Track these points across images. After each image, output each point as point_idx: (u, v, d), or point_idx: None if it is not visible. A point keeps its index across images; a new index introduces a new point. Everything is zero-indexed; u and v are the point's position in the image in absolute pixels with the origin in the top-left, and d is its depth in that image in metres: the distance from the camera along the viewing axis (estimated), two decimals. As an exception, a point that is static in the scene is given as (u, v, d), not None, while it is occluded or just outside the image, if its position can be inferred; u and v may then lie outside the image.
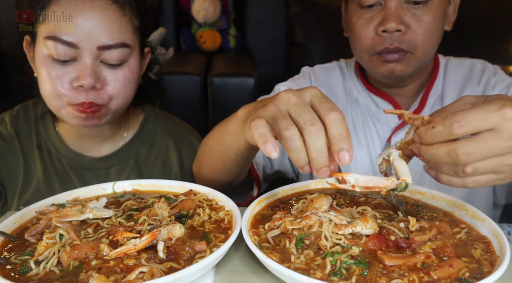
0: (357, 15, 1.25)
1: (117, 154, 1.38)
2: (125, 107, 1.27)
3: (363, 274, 0.71)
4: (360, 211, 0.89)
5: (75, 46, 1.13)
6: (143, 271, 0.70)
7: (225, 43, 3.62)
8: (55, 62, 1.15)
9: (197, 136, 1.48)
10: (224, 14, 3.62)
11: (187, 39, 3.62)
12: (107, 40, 1.15)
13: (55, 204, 0.96)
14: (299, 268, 0.73)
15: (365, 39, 1.24)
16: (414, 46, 1.20)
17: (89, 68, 1.14)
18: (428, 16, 1.19)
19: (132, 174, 1.38)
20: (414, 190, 1.02)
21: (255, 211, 0.92)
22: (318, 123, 0.74)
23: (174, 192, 1.02)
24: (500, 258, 0.75)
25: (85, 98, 1.15)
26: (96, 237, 0.83)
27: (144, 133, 1.42)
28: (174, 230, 0.80)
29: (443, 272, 0.70)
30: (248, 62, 3.30)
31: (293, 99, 0.78)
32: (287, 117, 0.77)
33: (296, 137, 0.74)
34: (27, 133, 1.37)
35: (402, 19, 1.18)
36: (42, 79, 1.18)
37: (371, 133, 1.38)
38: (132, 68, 1.23)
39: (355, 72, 1.46)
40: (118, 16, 1.17)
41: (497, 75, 1.32)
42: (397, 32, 1.19)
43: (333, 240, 0.78)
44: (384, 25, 1.18)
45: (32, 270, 0.74)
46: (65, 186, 1.34)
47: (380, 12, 1.21)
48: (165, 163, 1.42)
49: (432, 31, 1.21)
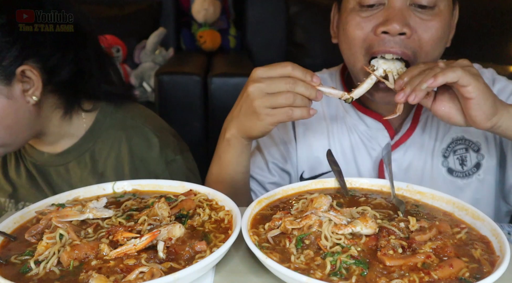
0: (353, 14, 1.14)
1: (72, 150, 1.38)
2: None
3: (363, 274, 0.71)
4: (360, 211, 0.89)
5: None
6: (143, 271, 0.70)
7: (225, 43, 3.62)
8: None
9: (156, 128, 1.43)
10: (224, 14, 3.62)
11: (187, 39, 3.62)
12: None
13: (55, 204, 0.96)
14: (299, 268, 0.73)
15: (359, 40, 1.13)
16: (419, 52, 1.10)
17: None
18: (435, 21, 1.10)
19: (87, 169, 1.37)
20: (414, 190, 1.02)
21: (255, 211, 0.92)
22: (290, 79, 0.99)
23: (174, 192, 1.02)
24: (500, 258, 0.75)
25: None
26: (96, 237, 0.83)
27: (98, 128, 1.39)
28: (174, 230, 0.80)
29: (443, 272, 0.70)
30: (248, 62, 3.30)
31: (260, 85, 1.00)
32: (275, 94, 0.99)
33: (295, 96, 0.99)
34: None
35: (407, 21, 1.08)
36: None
37: (360, 153, 1.31)
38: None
39: (340, 86, 1.37)
40: None
41: (497, 82, 1.27)
42: (400, 36, 1.08)
43: (333, 240, 0.78)
44: (386, 25, 1.07)
45: (32, 270, 0.74)
46: (32, 181, 1.38)
47: (382, 12, 1.10)
48: (118, 157, 1.38)
49: (438, 41, 1.12)
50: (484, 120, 0.96)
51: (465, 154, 1.27)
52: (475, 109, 0.95)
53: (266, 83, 1.00)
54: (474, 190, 1.26)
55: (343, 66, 1.39)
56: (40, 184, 1.39)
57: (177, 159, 1.42)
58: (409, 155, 1.27)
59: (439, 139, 1.28)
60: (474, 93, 0.93)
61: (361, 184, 1.07)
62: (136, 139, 1.39)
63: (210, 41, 3.51)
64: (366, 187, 1.06)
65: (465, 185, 1.26)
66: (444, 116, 1.02)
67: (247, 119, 1.06)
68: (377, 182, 1.06)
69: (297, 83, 0.99)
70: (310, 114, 1.02)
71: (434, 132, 1.28)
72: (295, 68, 1.00)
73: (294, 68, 1.00)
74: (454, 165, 1.27)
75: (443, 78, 0.92)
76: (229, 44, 3.65)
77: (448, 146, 1.27)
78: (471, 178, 1.26)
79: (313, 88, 1.00)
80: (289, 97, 0.99)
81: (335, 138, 1.33)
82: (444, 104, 1.01)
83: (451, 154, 1.27)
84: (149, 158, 1.38)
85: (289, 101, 0.99)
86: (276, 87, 1.00)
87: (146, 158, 1.38)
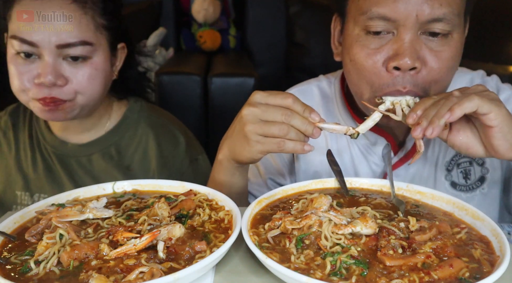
0: (360, 44, 1.05)
1: (98, 142, 1.43)
2: (95, 102, 1.31)
3: (363, 274, 0.71)
4: (360, 211, 0.89)
5: (35, 45, 1.18)
6: (143, 271, 0.70)
7: (225, 43, 3.62)
8: (21, 58, 1.21)
9: (182, 128, 1.53)
10: (224, 14, 3.62)
11: (187, 39, 3.62)
12: (66, 38, 1.19)
13: (55, 204, 0.96)
14: (299, 268, 0.73)
15: (371, 75, 1.04)
16: (428, 86, 1.03)
17: (50, 66, 1.19)
18: (447, 52, 1.02)
19: (112, 162, 1.42)
20: (414, 190, 1.02)
21: (255, 211, 0.92)
22: (287, 110, 0.94)
23: (174, 192, 1.02)
24: (500, 258, 0.75)
25: (47, 94, 1.21)
26: (96, 237, 0.83)
27: (127, 123, 1.46)
28: (174, 230, 0.80)
29: (443, 272, 0.70)
30: (248, 62, 3.30)
31: (255, 111, 0.96)
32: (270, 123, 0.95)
33: (289, 129, 0.94)
34: (22, 124, 1.47)
35: (418, 54, 1.00)
36: (10, 75, 1.26)
37: (362, 166, 1.26)
38: (97, 65, 1.26)
39: (340, 97, 1.29)
40: (78, 15, 1.21)
41: (502, 92, 1.22)
42: (410, 71, 1.00)
43: (333, 240, 0.78)
44: (398, 60, 0.99)
45: (32, 270, 0.74)
46: (50, 172, 1.41)
47: (392, 44, 1.01)
48: (145, 152, 1.45)
49: (448, 70, 1.04)
50: (509, 149, 0.89)
51: (469, 168, 1.22)
52: (498, 138, 0.88)
53: (261, 110, 0.96)
54: (477, 204, 1.22)
55: (343, 74, 1.31)
56: (59, 175, 1.41)
57: (199, 158, 1.51)
58: (412, 169, 1.23)
59: (442, 152, 1.23)
60: (496, 120, 0.87)
61: (361, 184, 1.07)
62: (164, 136, 1.47)
63: (210, 41, 3.51)
64: (366, 187, 1.06)
65: (468, 198, 1.22)
66: (462, 147, 0.95)
67: (238, 142, 1.02)
68: (377, 182, 1.06)
69: (294, 116, 0.94)
70: (304, 149, 0.96)
71: (437, 145, 1.24)
72: (295, 102, 0.95)
73: (295, 101, 0.95)
74: (458, 179, 1.23)
75: (460, 111, 0.86)
76: (229, 44, 3.65)
77: (451, 159, 1.22)
78: (474, 192, 1.23)
79: (310, 124, 0.95)
80: (283, 128, 0.94)
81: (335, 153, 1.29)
82: (461, 134, 0.94)
83: (455, 167, 1.23)
84: (175, 155, 1.45)
85: (282, 132, 0.94)
86: (271, 115, 0.95)
87: (173, 155, 1.45)
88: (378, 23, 1.01)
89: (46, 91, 1.20)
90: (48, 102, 1.21)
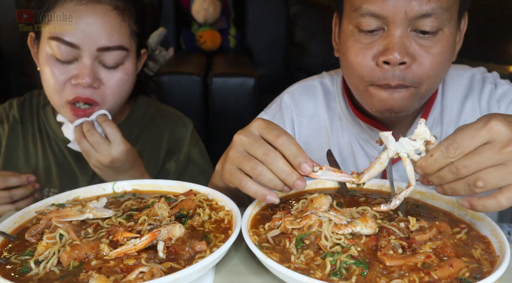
0: (353, 39, 1.08)
1: None
2: (118, 106, 1.35)
3: (363, 274, 0.71)
4: (360, 211, 0.89)
5: (76, 47, 1.22)
6: (143, 271, 0.70)
7: (225, 43, 3.62)
8: (57, 61, 1.24)
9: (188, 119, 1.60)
10: (224, 14, 3.62)
11: (187, 39, 3.62)
12: (106, 42, 1.24)
13: (55, 204, 0.96)
14: (299, 268, 0.73)
15: (362, 68, 1.07)
16: (419, 81, 1.04)
17: (88, 68, 1.23)
18: (437, 47, 1.03)
19: None
20: (414, 190, 1.01)
21: (255, 211, 0.92)
22: (271, 151, 0.84)
23: (174, 192, 1.02)
24: (500, 258, 0.75)
25: (81, 94, 1.24)
26: (96, 237, 0.83)
27: (136, 116, 1.52)
28: (174, 230, 0.80)
29: (443, 272, 0.70)
30: (248, 62, 3.30)
31: (244, 140, 0.88)
32: (249, 158, 0.86)
33: (264, 171, 0.84)
34: (30, 117, 1.48)
35: (408, 50, 1.02)
36: (44, 76, 1.27)
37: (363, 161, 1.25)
38: (128, 70, 1.31)
39: (342, 94, 1.30)
40: (118, 22, 1.27)
41: (499, 86, 1.22)
42: (400, 65, 1.02)
43: (333, 240, 0.78)
44: (387, 55, 1.01)
45: (32, 270, 0.74)
46: (62, 167, 1.42)
47: (382, 39, 1.04)
48: (156, 140, 1.51)
49: (440, 65, 1.05)
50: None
51: None
52: None
53: (250, 141, 0.87)
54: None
55: None
56: (71, 169, 1.42)
57: (200, 142, 1.59)
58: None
59: None
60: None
61: (361, 184, 1.06)
62: (176, 121, 1.56)
63: (210, 41, 3.51)
64: (366, 187, 1.06)
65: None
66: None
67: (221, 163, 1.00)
68: (377, 182, 1.06)
69: (276, 159, 0.83)
70: (265, 199, 0.85)
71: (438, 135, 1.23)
72: (289, 144, 0.84)
73: (289, 143, 0.84)
74: None
75: (482, 209, 0.77)
76: (229, 44, 3.65)
77: None
78: None
79: (293, 173, 0.83)
80: (255, 168, 0.84)
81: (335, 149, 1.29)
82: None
83: None
84: (185, 137, 1.54)
85: (254, 172, 0.85)
86: (254, 150, 0.86)
87: (183, 137, 1.54)
88: (369, 21, 1.03)
89: (81, 91, 1.24)
90: (79, 111, 1.25)
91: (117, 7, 1.27)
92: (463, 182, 0.76)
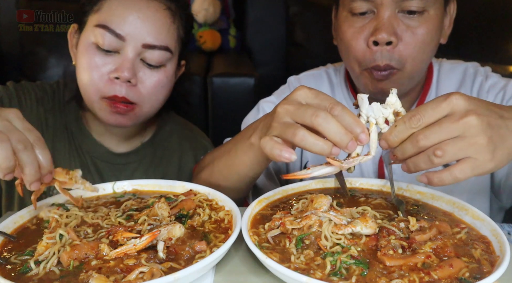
0: (347, 23, 1.17)
1: (134, 153, 1.41)
2: (154, 111, 1.30)
3: (363, 274, 0.71)
4: (360, 211, 0.89)
5: (122, 38, 1.17)
6: (143, 271, 0.70)
7: (225, 43, 3.62)
8: (98, 49, 1.19)
9: (208, 140, 1.56)
10: (224, 14, 3.62)
11: (187, 39, 3.62)
12: (153, 40, 1.20)
13: (55, 204, 0.96)
14: (299, 268, 0.73)
15: (356, 51, 1.15)
16: (403, 61, 1.11)
17: (130, 62, 1.18)
18: (422, 28, 1.11)
19: (148, 172, 1.42)
20: (414, 190, 1.02)
21: (255, 211, 0.93)
22: (317, 111, 0.80)
23: (174, 192, 1.02)
24: (500, 258, 0.75)
25: (118, 92, 1.18)
26: (96, 237, 0.83)
27: (161, 135, 1.47)
28: (174, 230, 0.80)
29: (443, 272, 0.70)
30: (248, 62, 3.30)
31: (290, 108, 0.84)
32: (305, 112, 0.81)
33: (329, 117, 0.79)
34: (59, 110, 1.39)
35: (395, 30, 1.10)
36: (81, 67, 1.22)
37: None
38: (168, 74, 1.27)
39: (344, 82, 1.38)
40: (168, 22, 1.23)
41: (489, 78, 1.28)
42: (387, 46, 1.10)
43: (333, 240, 0.78)
44: (376, 35, 1.09)
45: (32, 270, 0.74)
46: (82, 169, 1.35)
47: (372, 21, 1.12)
48: (181, 165, 1.47)
49: (424, 45, 1.12)
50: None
51: None
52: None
53: (295, 107, 0.84)
54: (470, 184, 1.25)
55: None
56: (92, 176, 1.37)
57: None
58: None
59: None
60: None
61: (361, 184, 1.07)
62: (199, 151, 1.50)
63: (210, 41, 3.51)
64: (366, 187, 1.06)
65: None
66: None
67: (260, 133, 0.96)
68: (377, 182, 1.06)
69: (328, 120, 0.79)
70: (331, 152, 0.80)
71: None
72: (343, 108, 0.81)
73: (343, 107, 0.81)
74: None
75: (438, 182, 0.79)
76: (229, 44, 3.65)
77: None
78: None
79: (347, 134, 0.79)
80: (296, 133, 0.80)
81: None
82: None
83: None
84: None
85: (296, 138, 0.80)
86: (301, 115, 0.82)
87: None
88: (360, 4, 1.13)
89: (118, 88, 1.18)
90: (118, 100, 1.19)
91: (170, 8, 1.24)
92: (424, 154, 0.78)
